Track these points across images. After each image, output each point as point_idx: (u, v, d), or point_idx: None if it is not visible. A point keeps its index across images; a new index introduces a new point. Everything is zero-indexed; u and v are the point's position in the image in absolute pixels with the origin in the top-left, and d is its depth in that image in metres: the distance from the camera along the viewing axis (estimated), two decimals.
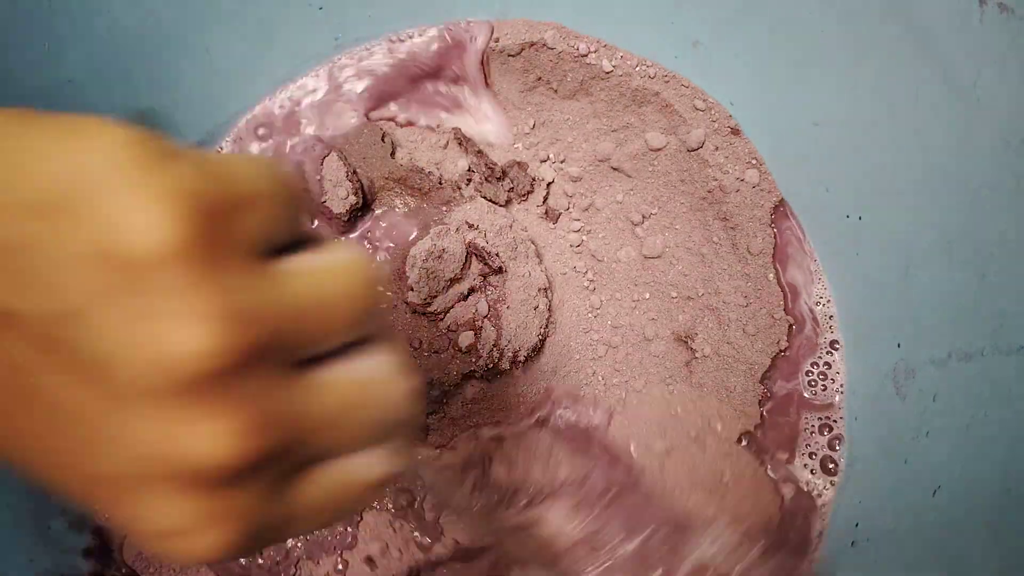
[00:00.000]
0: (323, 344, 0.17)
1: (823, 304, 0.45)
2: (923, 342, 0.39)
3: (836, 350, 0.44)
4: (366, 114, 0.46)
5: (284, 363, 0.16)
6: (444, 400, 0.42)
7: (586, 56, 0.45)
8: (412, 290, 0.41)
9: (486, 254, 0.42)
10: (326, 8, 0.44)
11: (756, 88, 0.43)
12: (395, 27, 0.46)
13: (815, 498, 0.42)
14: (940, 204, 0.38)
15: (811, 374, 0.44)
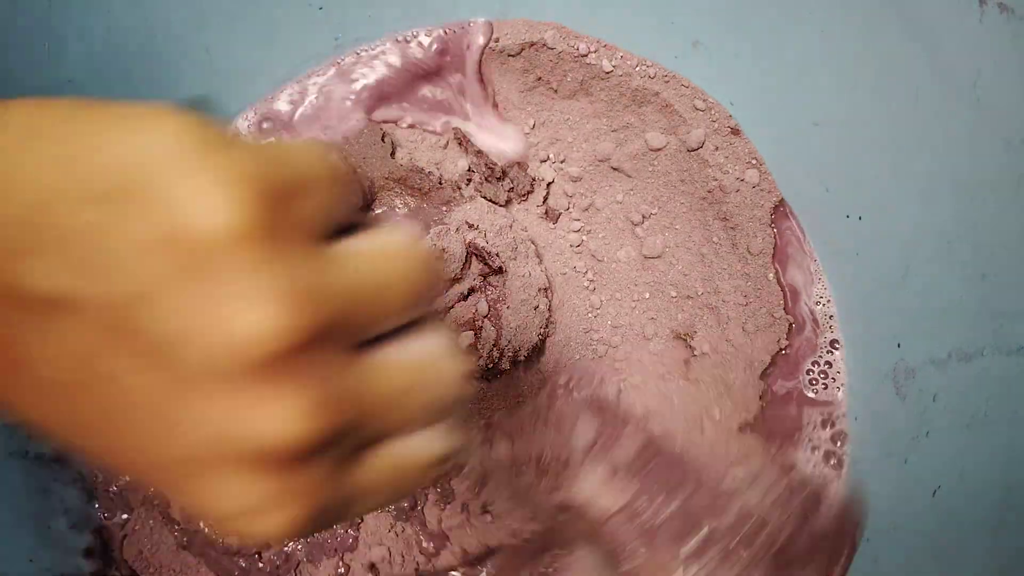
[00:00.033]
0: (382, 325, 0.18)
1: (823, 304, 0.45)
2: (923, 342, 0.39)
3: (836, 350, 0.44)
4: (367, 114, 0.46)
5: (346, 344, 0.17)
6: None
7: (586, 56, 0.45)
8: None
9: (486, 254, 0.42)
10: (326, 8, 0.44)
11: (756, 88, 0.43)
12: (395, 27, 0.46)
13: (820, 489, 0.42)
14: (940, 204, 0.38)
15: (811, 372, 0.44)
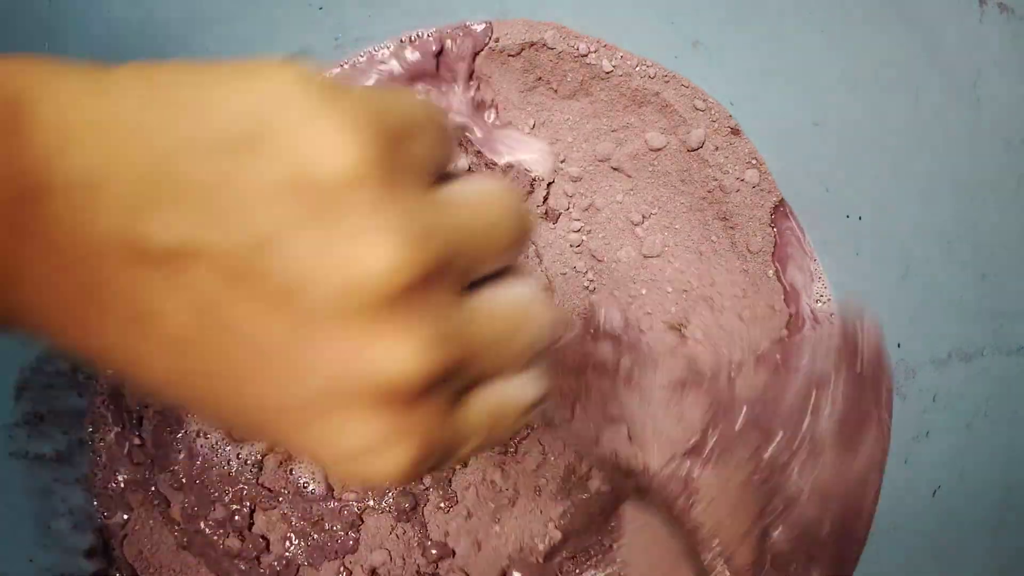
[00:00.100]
0: (485, 267, 0.18)
1: (823, 303, 0.45)
2: (923, 342, 0.39)
3: None
4: None
5: (454, 285, 0.17)
6: None
7: (586, 56, 0.45)
8: None
9: None
10: (326, 8, 0.44)
11: (756, 88, 0.43)
12: (395, 27, 0.46)
13: None
14: (940, 204, 0.38)
15: None
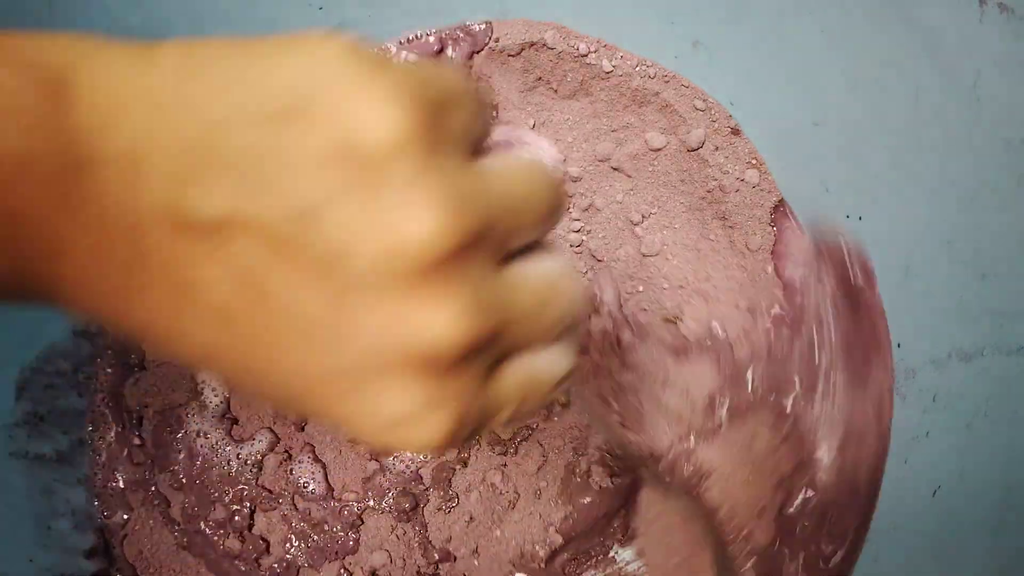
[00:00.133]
0: (520, 238, 0.18)
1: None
2: (923, 342, 0.39)
3: None
4: None
5: (491, 255, 0.17)
6: None
7: (586, 56, 0.45)
8: None
9: None
10: (326, 8, 0.44)
11: (756, 88, 0.43)
12: (396, 28, 0.46)
13: None
14: (940, 204, 0.38)
15: None
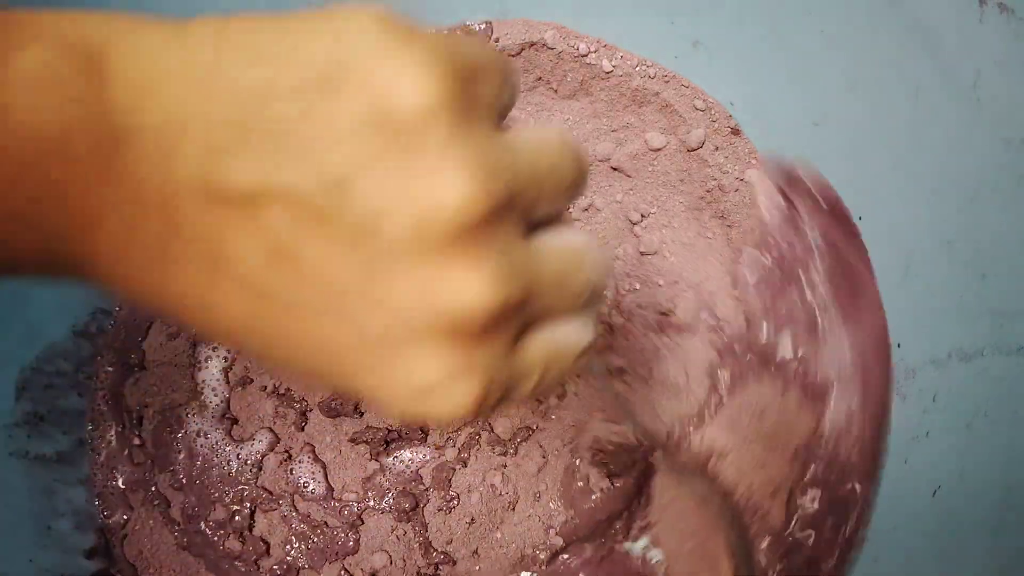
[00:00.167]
0: (546, 207, 0.19)
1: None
2: (923, 342, 0.39)
3: None
4: None
5: (518, 223, 0.17)
6: None
7: (586, 56, 0.45)
8: None
9: None
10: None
11: (756, 88, 0.43)
12: None
13: None
14: (940, 204, 0.38)
15: None
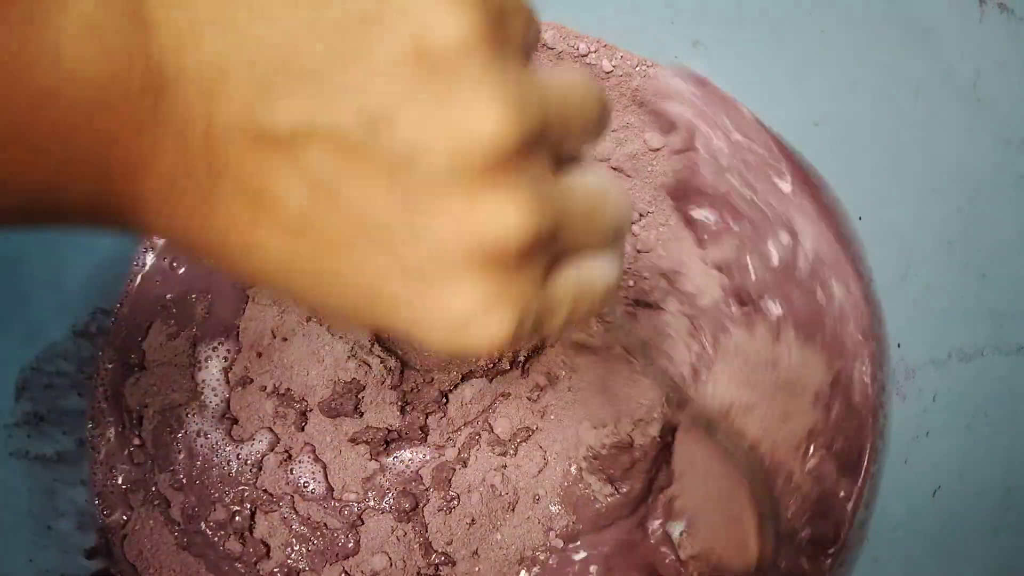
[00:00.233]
0: (573, 144, 0.19)
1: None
2: (923, 342, 0.39)
3: None
4: None
5: (548, 156, 0.18)
6: (444, 400, 0.42)
7: (586, 56, 0.45)
8: None
9: None
10: None
11: (756, 88, 0.43)
12: None
13: None
14: (940, 204, 0.38)
15: None
